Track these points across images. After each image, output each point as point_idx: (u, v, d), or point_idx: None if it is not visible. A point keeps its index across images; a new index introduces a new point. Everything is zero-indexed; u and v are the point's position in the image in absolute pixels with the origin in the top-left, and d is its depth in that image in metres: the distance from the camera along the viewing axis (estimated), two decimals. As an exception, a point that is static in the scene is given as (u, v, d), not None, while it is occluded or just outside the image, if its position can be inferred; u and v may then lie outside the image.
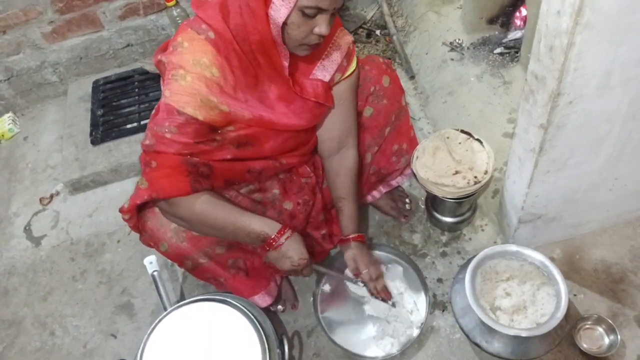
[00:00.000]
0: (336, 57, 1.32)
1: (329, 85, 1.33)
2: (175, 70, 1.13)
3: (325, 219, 1.61)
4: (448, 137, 1.60)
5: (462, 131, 1.60)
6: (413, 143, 1.67)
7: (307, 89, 1.29)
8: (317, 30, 1.12)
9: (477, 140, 1.57)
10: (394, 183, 1.77)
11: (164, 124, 1.14)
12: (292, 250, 1.29)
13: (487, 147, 1.55)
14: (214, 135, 1.21)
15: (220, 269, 1.43)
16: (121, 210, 1.31)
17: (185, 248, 1.34)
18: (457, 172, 1.52)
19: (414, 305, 1.57)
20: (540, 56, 1.12)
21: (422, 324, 1.52)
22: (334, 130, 1.43)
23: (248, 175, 1.35)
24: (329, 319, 1.60)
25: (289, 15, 1.08)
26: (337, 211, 1.51)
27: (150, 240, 1.36)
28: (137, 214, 1.31)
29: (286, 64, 1.20)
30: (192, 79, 1.12)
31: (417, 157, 1.57)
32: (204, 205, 1.22)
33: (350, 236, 1.49)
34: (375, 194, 1.77)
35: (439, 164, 1.55)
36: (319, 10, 1.09)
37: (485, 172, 1.51)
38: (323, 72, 1.31)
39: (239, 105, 1.19)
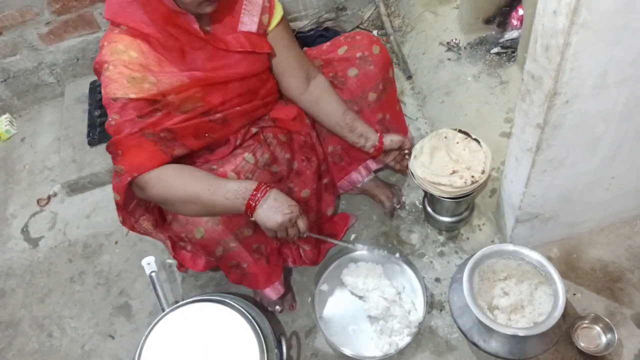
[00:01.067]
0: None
1: (253, 34, 1.35)
2: (102, 68, 1.21)
3: (327, 167, 1.65)
4: (446, 137, 1.59)
5: (460, 131, 1.59)
6: (398, 117, 1.69)
7: (231, 43, 1.31)
8: None
9: (475, 140, 1.57)
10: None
11: (110, 115, 1.21)
12: (277, 200, 1.25)
13: (484, 146, 1.55)
14: (155, 107, 1.23)
15: (247, 253, 1.42)
16: (118, 211, 1.34)
17: (220, 231, 1.32)
18: (454, 172, 1.51)
19: (411, 305, 1.57)
20: (536, 56, 1.12)
21: (420, 323, 1.52)
22: (293, 68, 1.47)
23: (213, 124, 1.35)
24: (327, 319, 1.60)
25: None
26: (348, 128, 1.50)
27: (182, 230, 1.32)
28: (127, 209, 1.36)
29: (196, 26, 1.23)
30: (113, 66, 1.19)
31: (414, 157, 1.57)
32: (174, 180, 1.23)
33: (380, 142, 1.52)
34: (364, 172, 1.76)
35: (437, 164, 1.55)
36: None
37: (483, 172, 1.50)
38: (250, 18, 1.34)
39: (167, 74, 1.24)
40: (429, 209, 1.74)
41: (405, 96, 2.18)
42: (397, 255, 1.63)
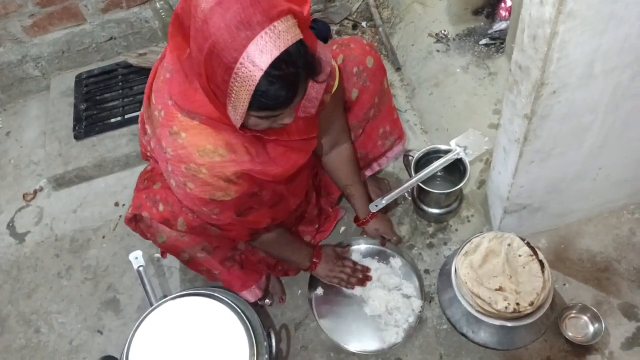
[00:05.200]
0: (321, 85, 1.21)
1: (310, 118, 1.25)
2: (187, 165, 1.10)
3: (319, 213, 1.65)
4: (510, 245, 1.40)
5: (529, 245, 1.41)
6: (397, 125, 1.69)
7: (292, 133, 1.23)
8: (280, 123, 1.06)
9: (541, 262, 1.37)
10: (376, 166, 1.75)
11: (203, 209, 1.18)
12: (327, 266, 1.58)
13: (547, 274, 1.35)
14: (251, 202, 1.24)
15: (217, 262, 1.42)
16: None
17: (185, 241, 1.32)
18: (500, 289, 1.34)
19: (413, 291, 1.60)
20: (524, 46, 1.12)
21: (422, 307, 1.56)
22: (325, 133, 1.42)
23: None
24: (328, 322, 1.60)
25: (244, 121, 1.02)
26: (348, 197, 1.60)
27: (147, 231, 1.32)
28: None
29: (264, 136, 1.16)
30: (207, 170, 1.10)
31: (465, 252, 1.42)
32: (273, 244, 1.45)
33: (368, 217, 1.60)
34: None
35: (486, 271, 1.38)
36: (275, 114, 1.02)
37: (531, 304, 1.31)
38: (313, 103, 1.23)
39: (255, 166, 1.16)
40: (418, 201, 1.74)
41: (395, 88, 2.17)
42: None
